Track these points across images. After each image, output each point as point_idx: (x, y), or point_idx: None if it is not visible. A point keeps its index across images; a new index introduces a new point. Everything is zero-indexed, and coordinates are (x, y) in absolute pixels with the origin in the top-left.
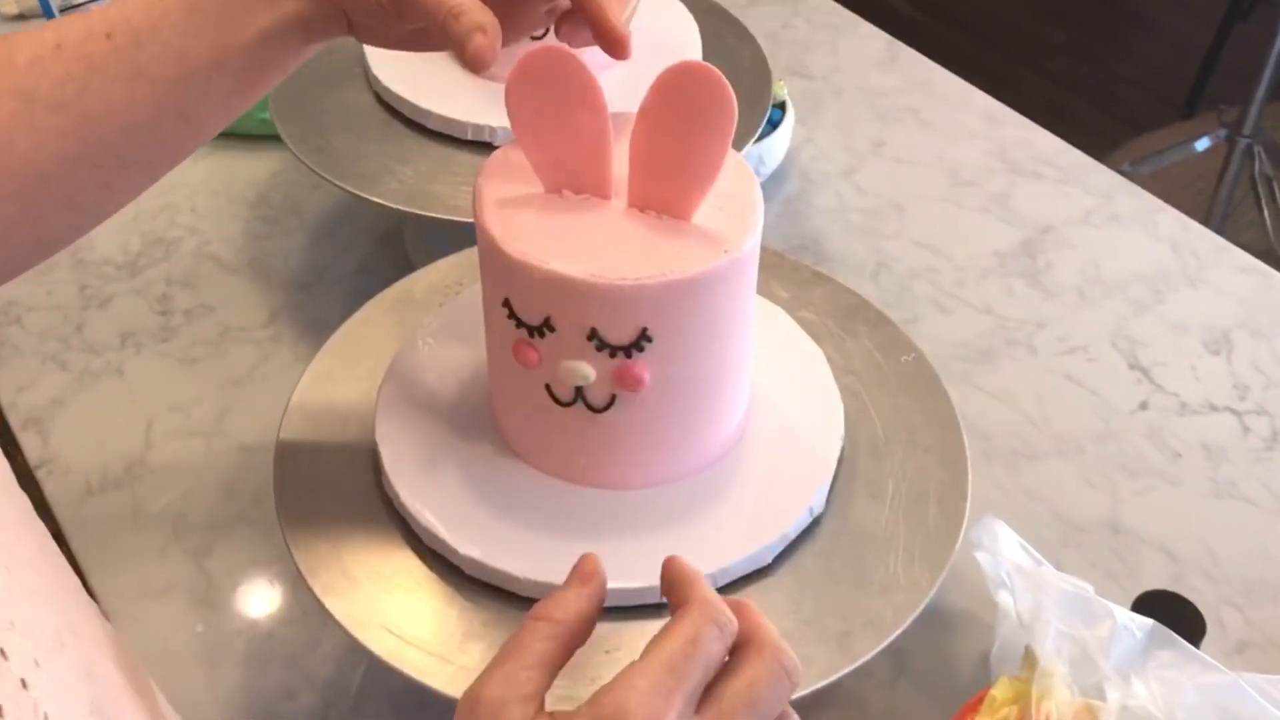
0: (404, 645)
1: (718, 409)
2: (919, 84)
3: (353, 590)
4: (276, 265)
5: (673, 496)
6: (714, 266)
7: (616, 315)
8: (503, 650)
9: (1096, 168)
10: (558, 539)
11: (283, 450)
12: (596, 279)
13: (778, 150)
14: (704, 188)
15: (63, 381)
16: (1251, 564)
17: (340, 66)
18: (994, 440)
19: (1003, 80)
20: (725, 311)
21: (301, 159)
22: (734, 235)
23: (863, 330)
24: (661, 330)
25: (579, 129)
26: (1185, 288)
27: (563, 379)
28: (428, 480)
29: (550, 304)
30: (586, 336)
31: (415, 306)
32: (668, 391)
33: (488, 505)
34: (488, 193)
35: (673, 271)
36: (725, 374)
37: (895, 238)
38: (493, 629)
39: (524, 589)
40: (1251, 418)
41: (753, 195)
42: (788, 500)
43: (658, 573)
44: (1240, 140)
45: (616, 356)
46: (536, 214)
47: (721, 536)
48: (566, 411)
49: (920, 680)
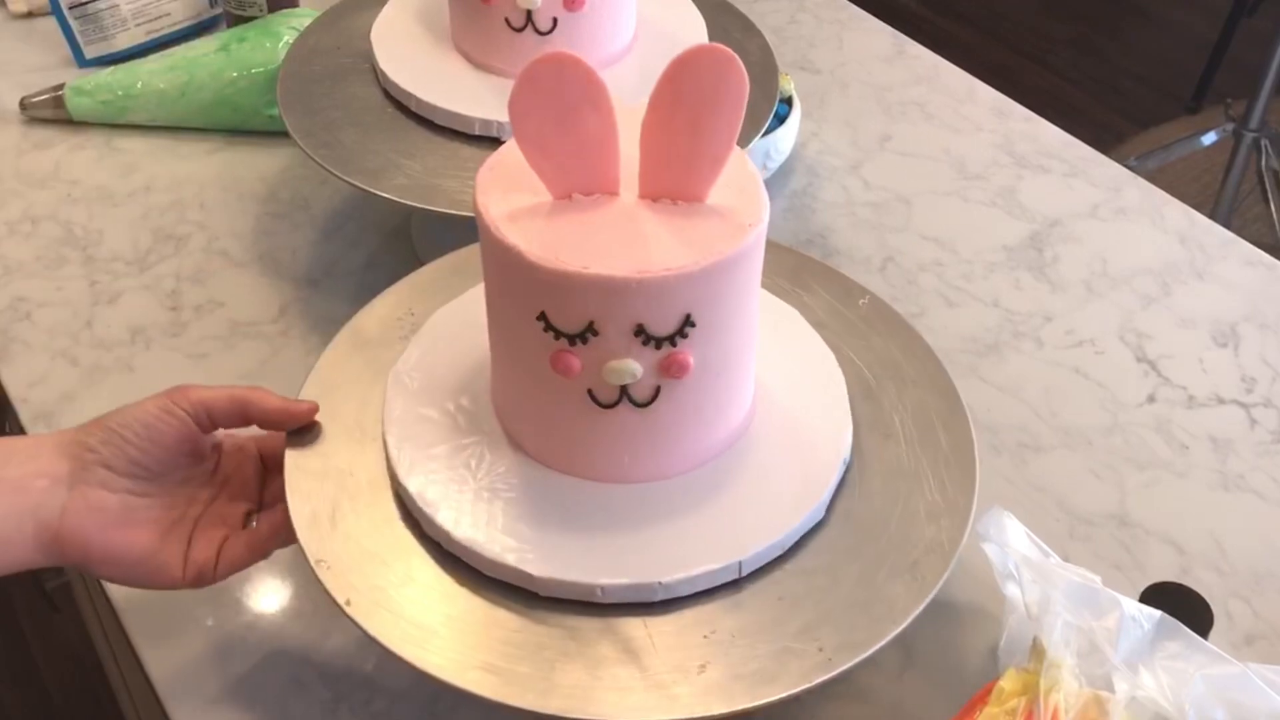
0: (416, 636)
1: (746, 383)
2: (925, 78)
3: (364, 584)
4: (285, 260)
5: (692, 483)
6: (746, 242)
7: (662, 307)
8: None
9: (1103, 161)
10: (570, 536)
11: (292, 444)
12: (643, 274)
13: (784, 145)
14: (719, 168)
15: (73, 377)
16: (1259, 556)
17: (347, 62)
18: (1001, 433)
19: (1008, 75)
20: (754, 285)
21: (310, 154)
22: (747, 208)
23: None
24: (702, 313)
25: (585, 131)
26: (1192, 281)
27: (608, 380)
28: (440, 478)
29: (594, 308)
30: (634, 333)
31: (423, 300)
32: (708, 373)
33: (499, 501)
34: (495, 209)
35: (713, 253)
36: (750, 347)
37: (902, 231)
38: (507, 622)
39: (541, 588)
40: (1259, 410)
41: (747, 167)
42: (805, 484)
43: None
44: (1246, 134)
45: (662, 347)
46: (555, 222)
47: (712, 543)
48: (608, 413)
49: (928, 672)
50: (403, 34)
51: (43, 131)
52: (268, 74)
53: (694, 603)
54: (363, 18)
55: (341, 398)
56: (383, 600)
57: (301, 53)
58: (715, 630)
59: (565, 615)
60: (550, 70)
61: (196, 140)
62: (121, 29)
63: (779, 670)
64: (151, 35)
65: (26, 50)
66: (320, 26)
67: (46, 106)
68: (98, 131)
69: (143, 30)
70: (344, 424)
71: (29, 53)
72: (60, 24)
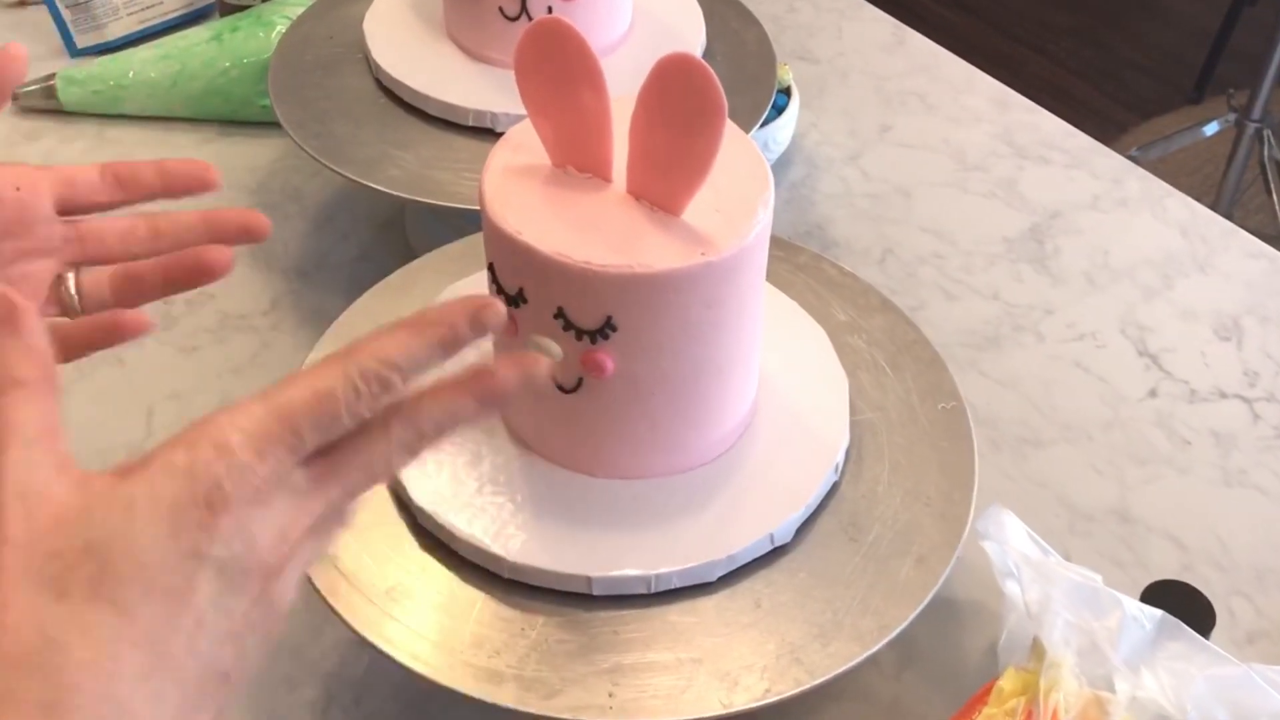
0: (408, 636)
1: (700, 409)
2: (925, 68)
3: (355, 581)
4: (277, 253)
5: (690, 479)
6: (683, 266)
7: (581, 298)
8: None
9: (1104, 152)
10: (559, 526)
11: None
12: (562, 258)
13: (783, 135)
14: (695, 184)
15: (63, 370)
16: (1262, 553)
17: (340, 52)
18: (1001, 428)
19: (1008, 65)
20: (701, 315)
21: (301, 145)
22: (721, 239)
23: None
24: (627, 322)
25: (582, 107)
26: (1195, 273)
27: (534, 353)
28: (433, 469)
29: (523, 276)
30: (554, 315)
31: (417, 294)
32: (634, 384)
33: (492, 491)
34: (498, 159)
35: (638, 264)
36: (704, 377)
37: (901, 223)
38: (498, 620)
39: (510, 572)
40: (1262, 405)
41: (755, 201)
42: (773, 511)
43: (650, 562)
44: (1249, 124)
45: (583, 340)
46: (535, 186)
47: (704, 537)
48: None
49: (927, 671)
50: (396, 23)
51: (34, 122)
52: (260, 64)
53: (682, 597)
54: (356, 7)
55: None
56: (375, 597)
57: (293, 42)
58: (703, 626)
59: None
60: (550, 35)
61: (189, 131)
62: (114, 18)
63: (776, 672)
64: (144, 24)
65: (18, 40)
66: (313, 15)
67: (38, 97)
68: (89, 122)
69: (135, 19)
70: None
71: (21, 42)
72: (52, 13)
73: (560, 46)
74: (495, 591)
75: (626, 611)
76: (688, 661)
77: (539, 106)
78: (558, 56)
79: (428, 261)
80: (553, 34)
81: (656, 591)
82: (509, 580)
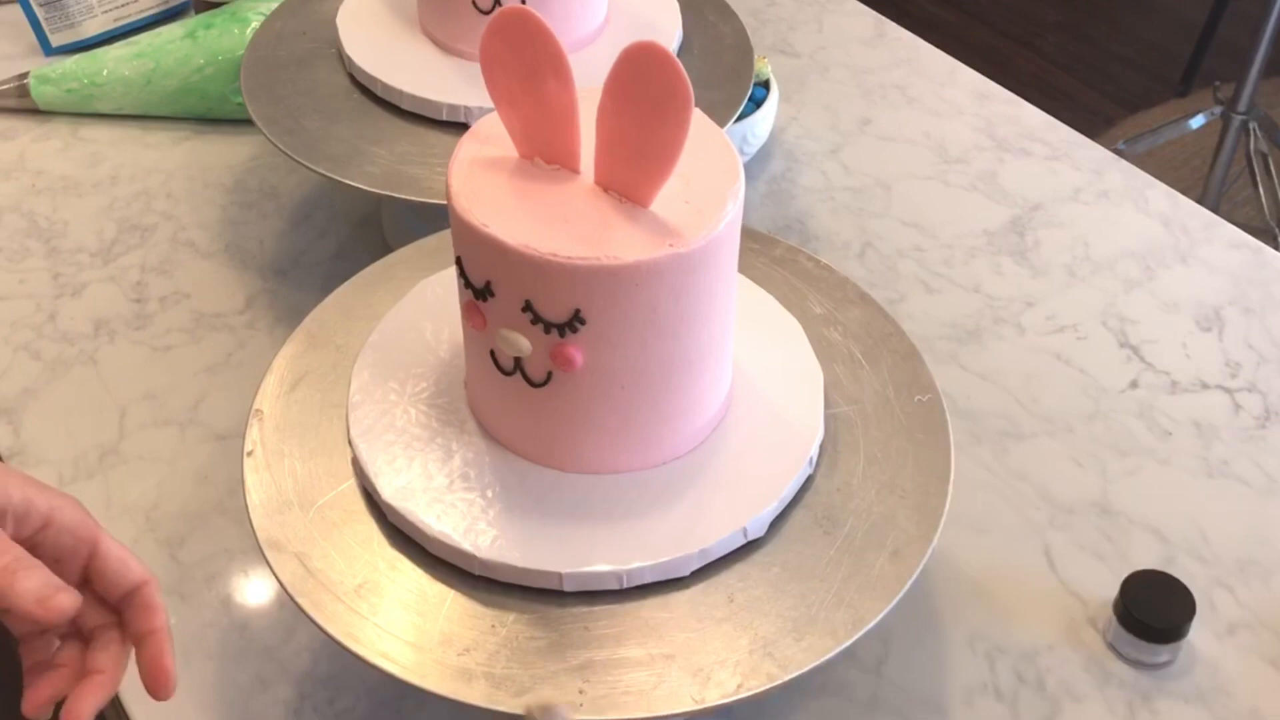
0: (377, 635)
1: (671, 403)
2: (905, 60)
3: (324, 579)
4: (253, 251)
5: (662, 473)
6: (651, 258)
7: (549, 291)
8: None
9: (1086, 144)
10: (530, 522)
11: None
12: (528, 250)
13: (762, 129)
14: (661, 175)
15: (35, 371)
16: (1243, 544)
17: (313, 47)
18: (981, 421)
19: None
20: (670, 307)
21: (274, 142)
22: (689, 230)
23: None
24: (595, 314)
25: (548, 98)
26: (1176, 264)
27: (500, 345)
28: (403, 465)
29: (490, 269)
30: (522, 308)
31: (392, 289)
32: (604, 378)
33: (462, 488)
34: (465, 151)
35: (606, 256)
36: (674, 370)
37: (882, 216)
38: (470, 619)
39: (481, 569)
40: (1243, 395)
41: (725, 192)
42: (749, 502)
43: (621, 557)
44: (1235, 117)
45: (551, 333)
46: (501, 178)
47: (677, 531)
48: (509, 381)
49: (905, 666)
50: (369, 19)
51: (7, 121)
52: (235, 60)
53: (655, 593)
54: (329, 2)
55: (307, 388)
56: (344, 595)
57: (267, 38)
58: (676, 621)
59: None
60: (515, 25)
61: (164, 129)
62: (88, 16)
63: (749, 667)
64: (120, 22)
65: None
66: (286, 11)
67: (11, 95)
68: (64, 121)
69: (110, 17)
70: (308, 415)
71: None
72: (25, 11)
73: (526, 37)
74: (465, 588)
75: (598, 607)
76: (660, 657)
77: (505, 98)
78: (523, 47)
79: (402, 256)
80: (518, 24)
81: (628, 587)
82: (479, 577)
